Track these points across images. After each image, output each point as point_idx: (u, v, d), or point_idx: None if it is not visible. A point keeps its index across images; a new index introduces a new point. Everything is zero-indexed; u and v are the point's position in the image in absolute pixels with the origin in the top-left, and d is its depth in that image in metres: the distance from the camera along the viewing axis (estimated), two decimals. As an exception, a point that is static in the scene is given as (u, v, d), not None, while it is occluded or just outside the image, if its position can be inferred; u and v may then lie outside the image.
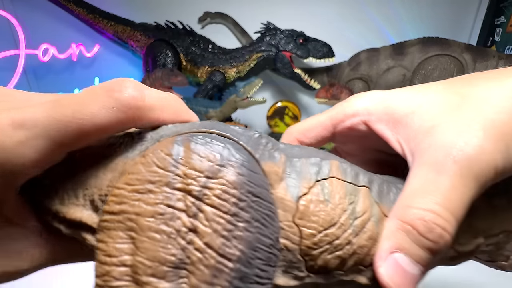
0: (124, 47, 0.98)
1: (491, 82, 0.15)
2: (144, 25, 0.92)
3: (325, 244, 0.13)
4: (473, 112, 0.14)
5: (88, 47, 0.96)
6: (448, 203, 0.13)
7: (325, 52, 0.87)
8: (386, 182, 0.16)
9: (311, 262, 0.13)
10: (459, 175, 0.13)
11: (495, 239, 0.16)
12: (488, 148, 0.13)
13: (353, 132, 0.19)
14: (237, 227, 0.12)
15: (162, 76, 0.73)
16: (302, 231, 0.13)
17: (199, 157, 0.13)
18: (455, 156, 0.13)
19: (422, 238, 0.13)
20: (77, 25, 0.95)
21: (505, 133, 0.13)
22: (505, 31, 0.97)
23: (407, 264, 0.13)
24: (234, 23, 1.03)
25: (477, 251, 0.16)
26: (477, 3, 1.03)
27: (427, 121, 0.15)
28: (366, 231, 0.14)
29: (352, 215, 0.14)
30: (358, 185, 0.15)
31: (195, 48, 0.90)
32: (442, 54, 0.81)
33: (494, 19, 1.00)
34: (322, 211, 0.13)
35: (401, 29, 1.04)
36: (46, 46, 0.88)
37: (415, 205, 0.13)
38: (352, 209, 0.14)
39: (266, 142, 0.15)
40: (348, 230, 0.13)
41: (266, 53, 0.89)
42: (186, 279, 0.11)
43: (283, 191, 0.14)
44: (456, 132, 0.13)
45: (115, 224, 0.12)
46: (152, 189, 0.12)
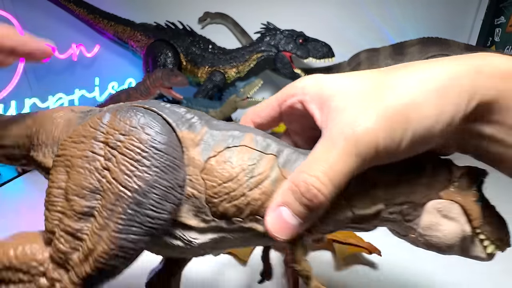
0: (124, 47, 0.98)
1: (403, 72, 0.17)
2: (144, 25, 0.92)
3: (223, 194, 0.17)
4: (376, 98, 0.16)
5: (88, 47, 0.97)
6: (330, 171, 0.15)
7: (325, 52, 0.87)
8: (298, 153, 0.19)
9: (214, 208, 0.17)
10: (344, 150, 0.15)
11: (398, 208, 0.19)
12: (373, 130, 0.15)
13: (293, 111, 0.21)
14: (138, 169, 0.17)
15: (163, 76, 0.73)
16: (206, 183, 0.17)
17: (119, 121, 0.18)
18: (346, 134, 0.15)
19: (302, 196, 0.15)
20: (77, 25, 0.95)
21: (394, 119, 0.15)
22: (505, 31, 0.97)
23: (287, 215, 0.16)
24: (234, 23, 1.03)
25: (380, 217, 0.19)
26: (476, 3, 1.03)
27: (341, 103, 0.17)
28: (261, 187, 0.17)
29: (249, 174, 0.17)
30: (265, 152, 0.18)
31: (195, 48, 0.91)
32: (442, 54, 0.81)
33: (494, 19, 1.01)
34: (223, 169, 0.17)
35: (401, 29, 1.04)
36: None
37: (305, 170, 0.16)
38: (251, 169, 0.17)
39: (190, 117, 0.19)
40: (243, 185, 0.17)
41: (266, 53, 0.89)
42: (99, 201, 0.17)
43: (196, 153, 0.18)
44: (355, 114, 0.16)
45: (58, 163, 0.18)
46: (83, 141, 0.18)
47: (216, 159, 0.17)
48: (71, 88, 0.93)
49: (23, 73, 0.88)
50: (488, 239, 0.18)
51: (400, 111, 0.15)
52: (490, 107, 0.15)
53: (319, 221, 0.18)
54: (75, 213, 0.17)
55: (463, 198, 0.18)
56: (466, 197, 0.18)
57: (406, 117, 0.15)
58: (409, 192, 0.18)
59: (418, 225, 0.19)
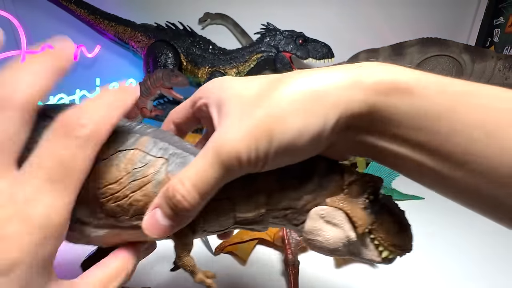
0: (125, 48, 0.99)
1: (286, 81, 0.16)
2: (145, 26, 0.93)
3: (108, 195, 0.18)
4: (252, 109, 0.16)
5: (89, 47, 0.97)
6: (195, 179, 0.16)
7: (325, 52, 0.87)
8: (193, 157, 0.19)
9: (103, 207, 0.18)
10: (211, 159, 0.16)
11: (282, 212, 0.19)
12: (236, 141, 0.15)
13: (202, 114, 0.21)
14: None
15: (163, 76, 0.73)
16: (96, 184, 0.18)
17: None
18: (215, 143, 0.16)
19: (169, 200, 0.16)
20: (78, 26, 0.95)
21: (259, 131, 0.15)
22: (504, 31, 0.98)
23: (159, 216, 0.17)
24: (234, 24, 1.04)
25: (264, 221, 0.20)
26: (476, 3, 1.04)
27: (230, 109, 0.17)
28: (143, 189, 0.18)
29: (132, 177, 0.18)
30: (156, 156, 0.19)
31: (195, 49, 0.91)
32: (441, 55, 0.81)
33: (493, 20, 1.01)
34: (109, 171, 0.18)
35: (400, 29, 1.05)
36: (47, 47, 0.89)
37: (178, 175, 0.17)
38: (134, 172, 0.18)
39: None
40: (126, 187, 0.18)
41: (266, 54, 0.90)
42: None
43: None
44: (230, 123, 0.16)
45: None
46: None
47: (105, 162, 0.18)
48: (72, 89, 0.93)
49: (24, 74, 0.88)
50: (382, 244, 0.19)
51: (265, 123, 0.15)
52: (366, 118, 0.15)
53: (203, 220, 0.19)
54: None
55: (350, 205, 0.18)
56: (353, 204, 0.18)
57: (270, 130, 0.15)
58: (294, 198, 0.19)
59: (303, 229, 0.19)
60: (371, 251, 0.19)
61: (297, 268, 0.36)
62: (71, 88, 0.93)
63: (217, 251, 0.42)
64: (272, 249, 0.44)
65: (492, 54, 0.82)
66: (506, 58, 0.80)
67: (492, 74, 0.81)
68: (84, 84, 0.95)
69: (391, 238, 0.19)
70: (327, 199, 0.19)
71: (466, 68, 0.81)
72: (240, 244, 0.43)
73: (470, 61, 0.81)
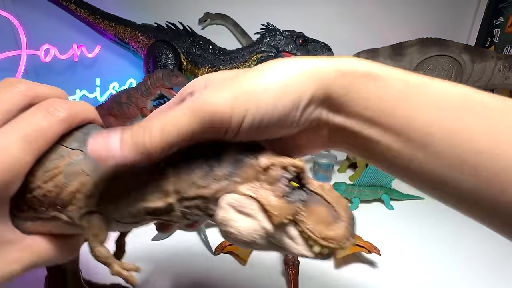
0: (125, 48, 0.99)
1: (266, 65, 0.18)
2: (145, 26, 0.93)
3: (27, 188, 0.18)
4: (232, 81, 0.17)
5: (89, 47, 0.97)
6: (166, 120, 0.16)
7: (325, 53, 0.87)
8: None
9: (26, 198, 0.19)
10: (188, 107, 0.16)
11: (192, 202, 0.18)
12: (218, 100, 0.16)
13: None
14: None
15: (163, 76, 0.73)
16: (27, 179, 0.18)
17: None
18: (196, 101, 0.16)
19: (131, 130, 0.16)
20: (78, 26, 0.95)
21: (240, 99, 0.16)
22: (504, 31, 0.98)
23: (113, 140, 0.16)
24: (234, 24, 1.04)
25: (176, 211, 0.18)
26: (475, 4, 1.04)
27: (211, 85, 0.19)
28: (54, 181, 0.18)
29: (46, 170, 0.18)
30: (71, 148, 0.19)
31: (195, 49, 0.91)
32: (441, 55, 0.81)
33: (493, 20, 1.01)
34: (35, 167, 0.18)
35: (400, 29, 1.05)
36: (47, 47, 0.89)
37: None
38: (48, 165, 0.18)
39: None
40: (39, 179, 0.18)
41: (266, 54, 0.90)
42: None
43: None
44: (211, 90, 0.17)
45: None
46: None
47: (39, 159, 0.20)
48: (72, 89, 0.93)
49: (24, 73, 0.88)
50: (311, 238, 0.16)
51: (246, 93, 0.16)
52: (338, 99, 0.17)
53: (115, 208, 0.19)
54: None
55: (264, 193, 0.16)
56: (268, 192, 0.16)
57: (248, 100, 0.16)
58: (202, 186, 0.17)
59: (216, 220, 0.18)
60: (300, 245, 0.17)
61: (297, 268, 0.36)
62: (72, 88, 0.93)
63: (217, 251, 0.42)
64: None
65: (492, 54, 0.82)
66: (506, 58, 0.80)
67: (492, 74, 0.81)
68: (84, 84, 0.95)
69: (323, 230, 0.16)
70: (240, 186, 0.17)
71: (466, 68, 0.81)
72: (240, 244, 0.43)
73: (470, 61, 0.81)
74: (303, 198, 0.17)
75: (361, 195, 0.55)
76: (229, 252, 0.42)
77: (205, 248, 0.43)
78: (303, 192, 0.17)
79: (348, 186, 0.55)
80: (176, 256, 0.42)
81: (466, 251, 0.44)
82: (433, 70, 0.81)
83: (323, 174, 0.67)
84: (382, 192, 0.56)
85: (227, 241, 0.43)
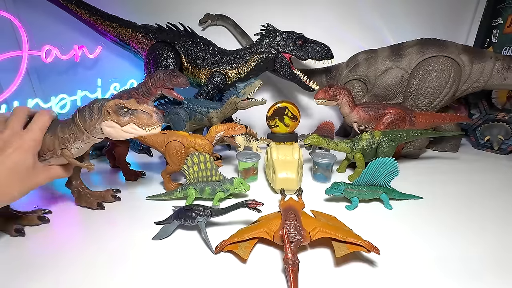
0: (126, 49, 0.99)
1: None
2: (146, 27, 0.93)
3: (41, 148, 0.43)
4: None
5: (90, 48, 0.97)
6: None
7: (324, 53, 0.88)
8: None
9: (41, 151, 0.44)
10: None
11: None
12: None
13: None
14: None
15: (164, 77, 0.74)
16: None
17: None
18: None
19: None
20: (79, 27, 0.96)
21: None
22: (502, 32, 0.98)
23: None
24: (235, 24, 1.04)
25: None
26: (474, 4, 1.04)
27: None
28: (46, 143, 0.43)
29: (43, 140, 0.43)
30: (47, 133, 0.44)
31: (196, 50, 0.91)
32: (440, 56, 0.82)
33: (492, 21, 1.01)
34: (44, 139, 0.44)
35: (399, 30, 1.05)
36: (48, 48, 0.89)
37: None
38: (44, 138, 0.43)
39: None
40: (43, 144, 0.43)
41: (266, 55, 0.90)
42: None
43: None
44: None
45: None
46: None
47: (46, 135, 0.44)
48: (73, 89, 0.94)
49: (26, 74, 0.89)
50: (141, 124, 0.43)
51: None
52: None
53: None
54: None
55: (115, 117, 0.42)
56: (114, 116, 0.42)
57: None
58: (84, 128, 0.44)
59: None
60: (139, 131, 0.43)
61: (296, 267, 0.37)
62: (73, 89, 0.94)
63: (218, 250, 0.43)
64: (272, 248, 0.44)
65: (491, 54, 0.82)
66: (505, 59, 0.81)
67: (490, 75, 0.82)
68: (85, 85, 0.96)
69: (143, 121, 0.42)
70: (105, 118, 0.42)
71: (464, 69, 0.82)
72: (240, 243, 0.43)
73: (469, 62, 0.82)
74: (131, 112, 0.42)
75: (360, 195, 0.56)
76: (229, 251, 0.43)
77: (206, 247, 0.44)
78: (130, 110, 0.42)
79: (347, 186, 0.56)
80: (176, 255, 0.42)
81: (464, 251, 0.44)
82: (431, 70, 0.82)
83: (322, 173, 0.68)
84: (381, 192, 0.56)
85: (227, 240, 0.43)
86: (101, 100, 0.43)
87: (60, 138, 0.43)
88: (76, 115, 0.43)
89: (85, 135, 0.43)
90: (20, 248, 0.45)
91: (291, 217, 0.43)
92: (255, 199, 0.45)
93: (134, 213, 0.54)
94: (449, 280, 0.39)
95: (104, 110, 0.41)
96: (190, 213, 0.46)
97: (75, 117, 0.43)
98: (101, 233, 0.48)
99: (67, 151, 0.44)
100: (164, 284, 0.37)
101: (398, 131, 0.69)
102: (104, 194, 0.58)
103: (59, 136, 0.43)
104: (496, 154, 0.92)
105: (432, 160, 0.86)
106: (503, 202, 0.59)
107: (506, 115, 0.91)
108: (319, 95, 0.80)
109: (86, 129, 0.43)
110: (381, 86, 0.88)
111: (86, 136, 0.43)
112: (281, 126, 0.92)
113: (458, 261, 0.42)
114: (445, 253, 0.44)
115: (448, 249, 0.45)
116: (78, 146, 0.44)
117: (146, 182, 0.68)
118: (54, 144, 0.43)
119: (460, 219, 0.53)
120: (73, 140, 0.44)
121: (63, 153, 0.44)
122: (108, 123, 0.42)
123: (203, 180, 0.58)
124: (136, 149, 0.83)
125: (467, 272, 0.40)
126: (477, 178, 0.72)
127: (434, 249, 0.45)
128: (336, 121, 1.16)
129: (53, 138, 0.43)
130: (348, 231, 0.44)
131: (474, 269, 0.41)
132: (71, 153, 0.44)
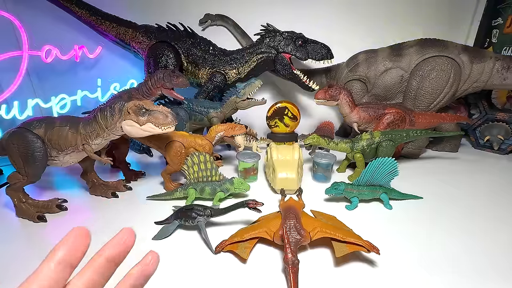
0: (126, 49, 0.99)
1: None
2: (146, 27, 0.93)
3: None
4: None
5: (90, 48, 0.97)
6: None
7: (324, 53, 0.88)
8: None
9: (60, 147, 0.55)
10: None
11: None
12: None
13: None
14: (13, 145, 0.52)
15: (164, 77, 0.74)
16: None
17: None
18: None
19: None
20: (79, 27, 0.96)
21: None
22: (502, 32, 0.98)
23: None
24: (235, 25, 1.04)
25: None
26: (474, 5, 1.04)
27: None
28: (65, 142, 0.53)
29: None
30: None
31: (196, 50, 0.91)
32: (440, 56, 0.82)
33: (491, 21, 1.01)
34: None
35: (399, 30, 1.05)
36: (49, 48, 0.89)
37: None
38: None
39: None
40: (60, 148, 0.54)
41: (266, 55, 0.90)
42: None
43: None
44: None
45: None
46: None
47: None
48: (73, 89, 0.94)
49: (26, 74, 0.89)
50: (158, 124, 0.50)
51: None
52: None
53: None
54: None
55: (135, 117, 0.49)
56: (135, 116, 0.49)
57: None
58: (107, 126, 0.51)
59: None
60: (156, 129, 0.50)
61: (296, 267, 0.37)
62: (73, 89, 0.94)
63: (218, 250, 0.43)
64: (272, 248, 0.44)
65: (491, 54, 0.82)
66: (505, 59, 0.81)
67: (490, 75, 0.82)
68: (85, 85, 0.96)
69: (160, 121, 0.49)
70: (126, 118, 0.49)
71: (464, 69, 0.82)
72: (240, 243, 0.43)
73: (469, 62, 0.82)
74: (149, 112, 0.49)
75: (360, 195, 0.56)
76: (229, 251, 0.43)
77: (206, 247, 0.44)
78: (148, 111, 0.49)
79: (347, 186, 0.56)
80: (176, 254, 0.42)
81: (464, 250, 0.44)
82: (431, 71, 0.82)
83: (322, 173, 0.68)
84: (381, 192, 0.56)
85: (227, 240, 0.43)
86: (121, 101, 0.48)
87: (82, 135, 0.48)
88: (97, 114, 0.48)
89: (106, 133, 0.49)
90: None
91: (291, 217, 0.43)
92: (255, 199, 0.45)
93: (134, 213, 0.54)
94: (449, 280, 0.39)
95: (124, 110, 0.47)
96: (190, 213, 0.46)
97: (97, 116, 0.48)
98: (101, 233, 0.48)
99: (88, 147, 0.50)
100: (164, 284, 0.37)
101: (398, 131, 0.69)
102: (117, 184, 0.63)
103: (81, 133, 0.48)
104: (496, 154, 0.92)
105: (432, 160, 0.86)
106: (503, 202, 0.60)
107: (506, 115, 0.91)
108: (319, 95, 0.80)
109: (107, 127, 0.48)
110: (381, 86, 0.88)
111: (107, 134, 0.49)
112: (281, 126, 0.92)
113: (458, 260, 0.42)
114: (445, 253, 0.44)
115: (448, 249, 0.45)
116: (99, 142, 0.50)
117: (146, 182, 0.68)
118: (77, 140, 0.49)
119: (460, 219, 0.53)
120: (94, 136, 0.49)
121: (85, 148, 0.49)
122: (128, 122, 0.47)
123: (203, 180, 0.58)
124: (136, 149, 0.83)
125: (467, 271, 0.40)
126: (477, 178, 0.72)
127: (434, 249, 0.45)
128: (336, 121, 1.16)
129: (76, 135, 0.48)
130: (348, 231, 0.45)
131: (474, 268, 0.41)
132: (91, 148, 0.50)
